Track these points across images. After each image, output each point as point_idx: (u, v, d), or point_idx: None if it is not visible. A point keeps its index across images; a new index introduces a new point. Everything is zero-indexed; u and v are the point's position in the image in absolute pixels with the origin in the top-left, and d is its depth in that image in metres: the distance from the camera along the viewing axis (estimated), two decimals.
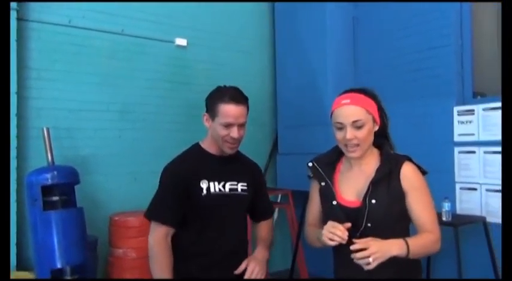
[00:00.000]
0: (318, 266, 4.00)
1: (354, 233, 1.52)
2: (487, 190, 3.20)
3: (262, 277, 1.77)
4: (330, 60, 4.10)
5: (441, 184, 3.40)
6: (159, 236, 1.75)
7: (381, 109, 1.65)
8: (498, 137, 3.11)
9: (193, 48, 4.16)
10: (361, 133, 1.55)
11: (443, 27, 3.52)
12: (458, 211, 3.27)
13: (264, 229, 1.98)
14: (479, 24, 3.68)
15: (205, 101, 1.89)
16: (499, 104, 3.15)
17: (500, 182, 3.05)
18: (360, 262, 1.37)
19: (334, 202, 1.60)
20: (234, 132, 1.76)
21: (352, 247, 1.40)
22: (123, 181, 3.72)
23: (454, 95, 3.46)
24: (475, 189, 3.29)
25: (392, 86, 3.84)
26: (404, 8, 3.78)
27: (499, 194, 3.10)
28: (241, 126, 1.78)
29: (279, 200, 4.49)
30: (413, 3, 3.70)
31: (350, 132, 1.54)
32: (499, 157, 3.11)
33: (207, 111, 1.84)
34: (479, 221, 3.13)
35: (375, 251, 1.36)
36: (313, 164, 1.70)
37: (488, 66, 3.69)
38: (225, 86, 1.89)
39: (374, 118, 1.60)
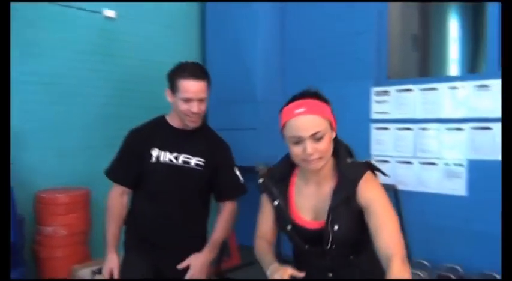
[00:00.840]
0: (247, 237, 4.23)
1: (317, 252, 1.47)
2: (398, 162, 3.64)
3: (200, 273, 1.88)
4: (259, 40, 4.25)
5: (358, 157, 3.77)
6: (114, 192, 1.95)
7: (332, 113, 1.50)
8: (408, 115, 3.55)
9: (122, 21, 4.04)
10: (322, 145, 1.39)
11: (364, 17, 3.84)
12: None
13: (222, 216, 1.98)
14: (393, 17, 4.08)
15: (167, 77, 1.92)
16: (410, 86, 3.57)
17: (409, 155, 3.51)
18: None
19: (289, 227, 1.48)
20: (194, 107, 1.81)
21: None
22: (48, 157, 3.57)
23: (371, 78, 3.82)
24: (388, 161, 3.71)
25: (317, 68, 4.12)
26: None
27: (408, 165, 3.57)
28: (201, 101, 1.84)
29: None
30: None
31: (310, 147, 1.37)
32: (408, 133, 3.55)
33: (169, 87, 1.89)
34: (390, 189, 3.56)
35: None
36: (263, 181, 1.55)
37: (398, 52, 4.13)
38: (186, 62, 1.93)
39: (331, 124, 1.47)
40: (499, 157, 3.04)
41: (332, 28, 4.03)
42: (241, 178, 2.01)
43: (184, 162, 1.86)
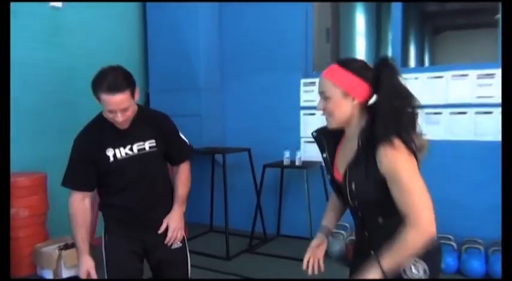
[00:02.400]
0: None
1: (350, 205, 1.56)
2: None
3: (182, 235, 2.08)
4: (200, 32, 4.64)
5: (290, 138, 4.43)
6: (74, 199, 1.97)
7: (364, 78, 1.47)
8: None
9: (68, 11, 4.18)
10: (327, 105, 1.49)
11: (292, 16, 4.44)
12: (304, 158, 4.29)
13: (180, 175, 2.13)
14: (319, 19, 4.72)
15: (91, 86, 1.88)
16: None
17: None
18: None
19: (329, 177, 1.63)
20: (118, 118, 1.84)
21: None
22: None
23: (300, 70, 4.45)
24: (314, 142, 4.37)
25: (252, 61, 4.66)
26: None
27: None
28: (125, 109, 1.83)
29: None
30: None
31: (319, 102, 1.52)
32: None
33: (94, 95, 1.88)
34: (317, 165, 4.23)
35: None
36: (317, 134, 1.64)
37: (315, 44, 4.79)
38: (106, 70, 1.86)
39: (345, 92, 1.46)
40: None
41: (265, 26, 4.57)
42: (186, 140, 2.16)
43: (139, 150, 1.96)
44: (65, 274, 3.42)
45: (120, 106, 1.82)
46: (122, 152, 1.95)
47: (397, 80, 1.46)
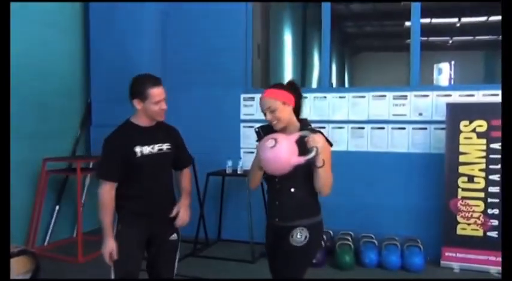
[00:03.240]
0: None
1: (274, 178, 2.12)
2: None
3: (188, 216, 2.49)
4: (144, 44, 4.85)
5: (230, 148, 4.76)
6: (106, 189, 2.32)
7: (296, 94, 2.15)
8: None
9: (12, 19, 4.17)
10: (275, 114, 2.11)
11: (234, 35, 4.80)
12: (244, 167, 4.61)
13: (185, 177, 2.58)
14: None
15: (132, 90, 2.35)
16: None
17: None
18: (306, 136, 2.00)
19: None
20: (164, 105, 2.36)
21: (308, 133, 2.01)
22: None
23: (241, 85, 4.82)
24: (253, 152, 4.73)
25: (195, 75, 4.93)
26: (206, 11, 4.87)
27: None
28: (164, 100, 2.38)
29: (91, 166, 4.95)
30: (213, 7, 4.82)
31: (268, 116, 2.14)
32: None
33: (136, 97, 2.32)
34: None
35: (318, 139, 1.98)
36: (258, 129, 2.28)
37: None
38: (140, 74, 2.43)
39: (284, 102, 2.11)
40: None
41: (207, 42, 4.88)
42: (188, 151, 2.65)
43: (159, 150, 2.40)
44: None
45: (164, 95, 2.35)
46: (147, 149, 2.36)
47: (302, 95, 2.24)
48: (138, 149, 2.33)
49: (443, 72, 4.95)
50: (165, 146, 2.44)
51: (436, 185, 4.07)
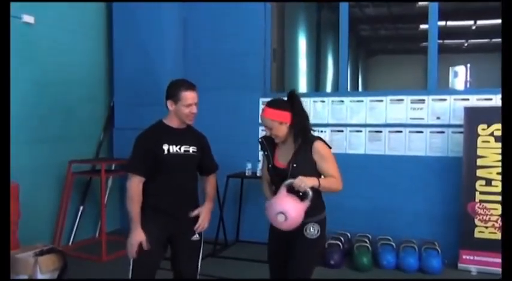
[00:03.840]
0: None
1: (282, 183, 2.32)
2: None
3: (208, 221, 2.58)
4: (166, 50, 4.99)
5: (249, 151, 4.85)
6: (134, 182, 2.44)
7: (293, 112, 2.34)
8: None
9: (40, 26, 4.34)
10: (272, 132, 2.38)
11: (254, 39, 4.91)
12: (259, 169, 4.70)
13: (210, 183, 2.69)
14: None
15: (168, 92, 2.49)
16: None
17: None
18: (297, 183, 2.22)
19: (270, 165, 2.45)
20: (194, 109, 2.49)
21: (292, 181, 2.24)
22: None
23: (260, 90, 4.92)
24: None
25: (215, 79, 5.04)
26: (225, 15, 4.99)
27: None
28: (196, 104, 2.52)
29: (113, 168, 5.10)
30: (231, 11, 4.92)
31: (268, 131, 2.41)
32: None
33: (169, 99, 2.47)
34: None
35: (304, 179, 2.22)
36: (261, 140, 2.53)
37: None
38: (179, 79, 2.57)
39: (279, 122, 2.34)
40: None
41: (228, 47, 4.99)
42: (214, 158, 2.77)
43: (185, 151, 2.51)
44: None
45: (196, 100, 2.50)
46: (174, 148, 2.48)
47: (302, 105, 2.40)
48: (165, 147, 2.45)
49: (459, 75, 4.99)
50: (192, 149, 2.54)
51: (453, 188, 4.12)
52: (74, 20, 4.79)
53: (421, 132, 4.29)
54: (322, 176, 2.40)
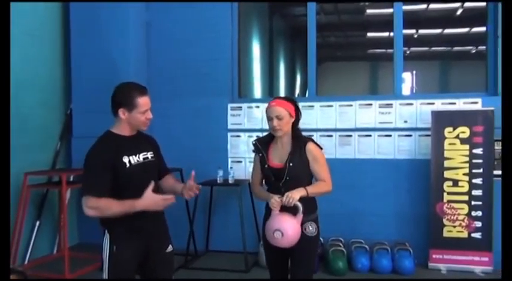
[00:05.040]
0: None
1: (279, 183, 2.42)
2: (249, 162, 4.71)
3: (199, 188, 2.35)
4: (128, 55, 4.75)
5: (218, 158, 4.73)
6: (91, 201, 2.12)
7: (297, 109, 2.49)
8: (258, 126, 4.67)
9: None
10: (282, 122, 2.42)
11: (221, 44, 4.81)
12: (235, 177, 4.56)
13: (170, 178, 2.49)
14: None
15: (117, 99, 2.23)
16: (258, 104, 4.71)
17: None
18: (285, 201, 2.30)
19: (266, 166, 2.49)
20: (150, 115, 2.28)
21: (282, 199, 2.32)
22: None
23: (228, 95, 4.82)
24: (241, 161, 4.76)
25: (181, 85, 4.90)
26: (190, 18, 4.85)
27: None
28: (151, 109, 2.33)
29: (71, 180, 4.77)
30: (196, 13, 4.80)
31: (274, 122, 2.42)
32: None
33: (121, 107, 2.21)
34: (246, 183, 4.60)
35: (290, 195, 2.29)
36: (255, 142, 2.58)
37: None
38: (124, 83, 2.34)
39: (290, 113, 2.44)
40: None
41: (194, 52, 4.86)
42: None
43: (144, 158, 2.31)
44: None
45: (149, 105, 2.28)
46: (134, 159, 2.27)
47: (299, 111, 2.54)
48: (126, 159, 2.22)
49: (406, 81, 5.17)
50: (150, 155, 2.36)
51: (422, 190, 4.24)
52: (26, 19, 4.45)
53: (390, 135, 4.39)
54: (313, 179, 2.51)
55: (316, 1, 4.77)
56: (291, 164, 2.43)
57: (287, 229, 2.33)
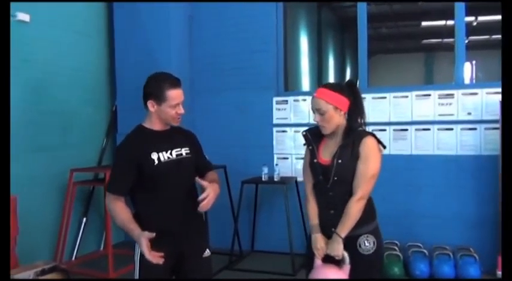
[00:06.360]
0: None
1: (326, 185, 2.07)
2: (296, 158, 4.48)
3: (214, 198, 2.08)
4: (171, 50, 4.64)
5: (263, 155, 4.53)
6: (112, 200, 2.06)
7: (351, 99, 2.08)
8: (304, 120, 4.40)
9: (36, 25, 4.00)
10: (324, 117, 2.05)
11: (265, 36, 4.59)
12: (281, 174, 4.34)
13: (212, 176, 2.26)
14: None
15: (147, 90, 2.11)
16: (304, 97, 4.45)
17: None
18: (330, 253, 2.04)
19: (315, 160, 2.13)
20: (181, 110, 2.09)
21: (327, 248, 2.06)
22: None
23: (273, 89, 4.60)
24: (287, 158, 4.53)
25: (224, 79, 4.73)
26: (233, 13, 4.66)
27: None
28: (183, 103, 2.13)
29: None
30: (240, 8, 4.61)
31: (316, 117, 2.09)
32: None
33: (150, 99, 2.09)
34: (292, 181, 4.37)
35: (335, 253, 2.02)
36: (306, 132, 2.22)
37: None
38: (158, 73, 2.15)
39: (335, 107, 2.04)
40: None
41: (237, 45, 4.67)
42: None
43: (177, 155, 2.13)
44: None
45: (182, 98, 2.10)
46: (165, 155, 2.09)
47: (361, 98, 2.14)
48: (154, 156, 2.06)
49: (465, 71, 4.71)
50: (184, 151, 2.16)
51: (489, 189, 3.81)
52: (72, 19, 4.45)
53: (451, 129, 3.98)
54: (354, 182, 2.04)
55: (367, 1, 4.45)
56: (339, 161, 2.04)
57: None
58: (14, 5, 3.75)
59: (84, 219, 4.51)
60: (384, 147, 2.11)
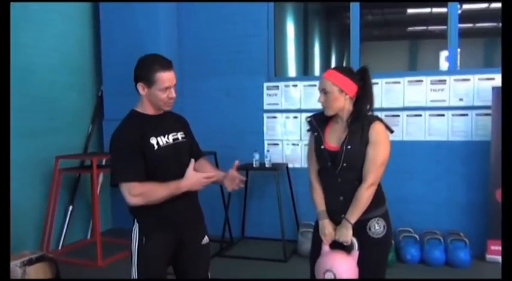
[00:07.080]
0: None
1: (334, 171, 2.03)
2: (287, 144, 4.44)
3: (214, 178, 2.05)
4: (160, 33, 4.52)
5: (254, 141, 4.47)
6: (134, 188, 1.91)
7: (359, 84, 2.03)
8: (295, 106, 4.36)
9: (20, 8, 3.83)
10: (327, 97, 2.03)
11: (256, 20, 4.50)
12: (272, 160, 4.29)
13: (205, 163, 2.22)
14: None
15: (137, 72, 1.99)
16: (295, 82, 4.40)
17: (296, 138, 4.36)
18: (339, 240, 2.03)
19: (322, 146, 2.08)
20: (172, 93, 1.99)
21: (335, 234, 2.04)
22: None
23: (263, 74, 4.52)
24: (277, 144, 4.48)
25: (214, 64, 4.63)
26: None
27: (295, 147, 4.41)
28: (174, 86, 2.02)
29: (103, 163, 4.64)
30: None
31: (321, 97, 2.06)
32: (295, 120, 4.38)
33: (140, 82, 1.97)
34: (283, 167, 4.34)
35: (344, 238, 2.01)
36: (311, 118, 2.16)
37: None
38: (147, 55, 2.03)
39: (340, 89, 2.01)
40: None
41: (227, 29, 4.57)
42: None
43: (174, 139, 2.07)
44: None
45: (173, 81, 1.99)
46: (163, 140, 2.03)
47: (371, 85, 2.08)
48: (153, 140, 1.99)
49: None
50: (180, 135, 2.11)
51: (479, 175, 3.85)
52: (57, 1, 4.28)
53: (443, 115, 3.99)
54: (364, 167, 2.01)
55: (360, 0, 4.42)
56: (348, 147, 2.00)
57: (341, 272, 1.98)
58: None
59: (71, 207, 4.40)
60: (392, 132, 2.09)
